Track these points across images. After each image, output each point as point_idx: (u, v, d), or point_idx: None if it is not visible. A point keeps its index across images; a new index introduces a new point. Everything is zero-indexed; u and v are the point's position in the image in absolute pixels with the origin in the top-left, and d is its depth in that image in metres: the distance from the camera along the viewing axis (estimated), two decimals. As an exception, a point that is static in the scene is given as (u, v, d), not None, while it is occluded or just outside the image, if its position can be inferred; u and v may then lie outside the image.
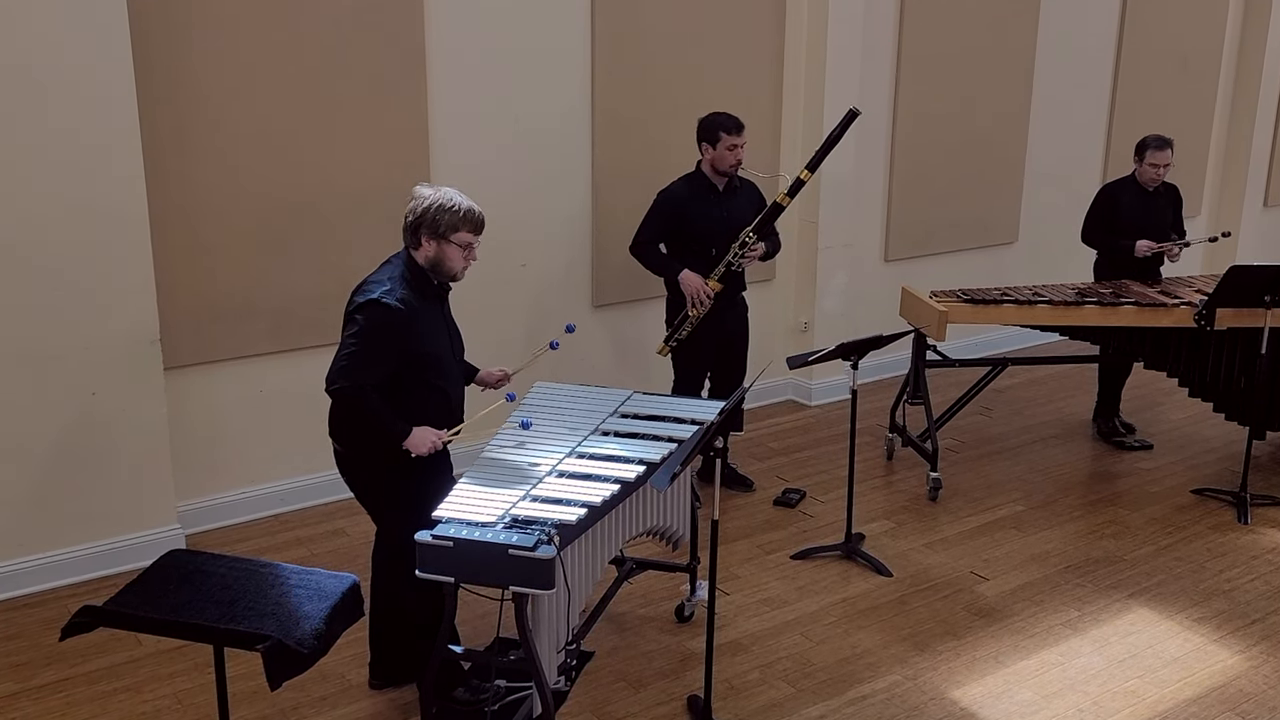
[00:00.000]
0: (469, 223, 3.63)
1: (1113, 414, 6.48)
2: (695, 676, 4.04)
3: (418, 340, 3.60)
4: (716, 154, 5.21)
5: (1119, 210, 6.13)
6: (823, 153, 5.30)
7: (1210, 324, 5.48)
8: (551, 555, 3.21)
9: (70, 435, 4.60)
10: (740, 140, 5.20)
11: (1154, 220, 6.14)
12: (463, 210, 3.62)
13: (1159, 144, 6.04)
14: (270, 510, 5.31)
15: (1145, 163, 6.06)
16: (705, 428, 3.59)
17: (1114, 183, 6.30)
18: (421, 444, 3.57)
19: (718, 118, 5.22)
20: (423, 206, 3.61)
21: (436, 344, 3.68)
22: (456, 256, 3.65)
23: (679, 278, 5.23)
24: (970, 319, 5.76)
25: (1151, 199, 6.15)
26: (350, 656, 4.10)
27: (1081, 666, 4.23)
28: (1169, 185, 6.22)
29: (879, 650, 4.32)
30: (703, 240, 5.27)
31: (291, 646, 3.05)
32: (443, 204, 3.60)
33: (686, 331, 5.31)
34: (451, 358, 3.78)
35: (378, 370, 3.54)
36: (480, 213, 3.68)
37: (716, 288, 5.24)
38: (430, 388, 3.67)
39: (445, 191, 3.65)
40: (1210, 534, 5.29)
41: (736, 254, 5.22)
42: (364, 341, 3.52)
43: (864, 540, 5.15)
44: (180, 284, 4.88)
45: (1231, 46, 8.59)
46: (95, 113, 4.38)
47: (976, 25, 7.14)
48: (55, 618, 4.33)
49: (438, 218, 3.59)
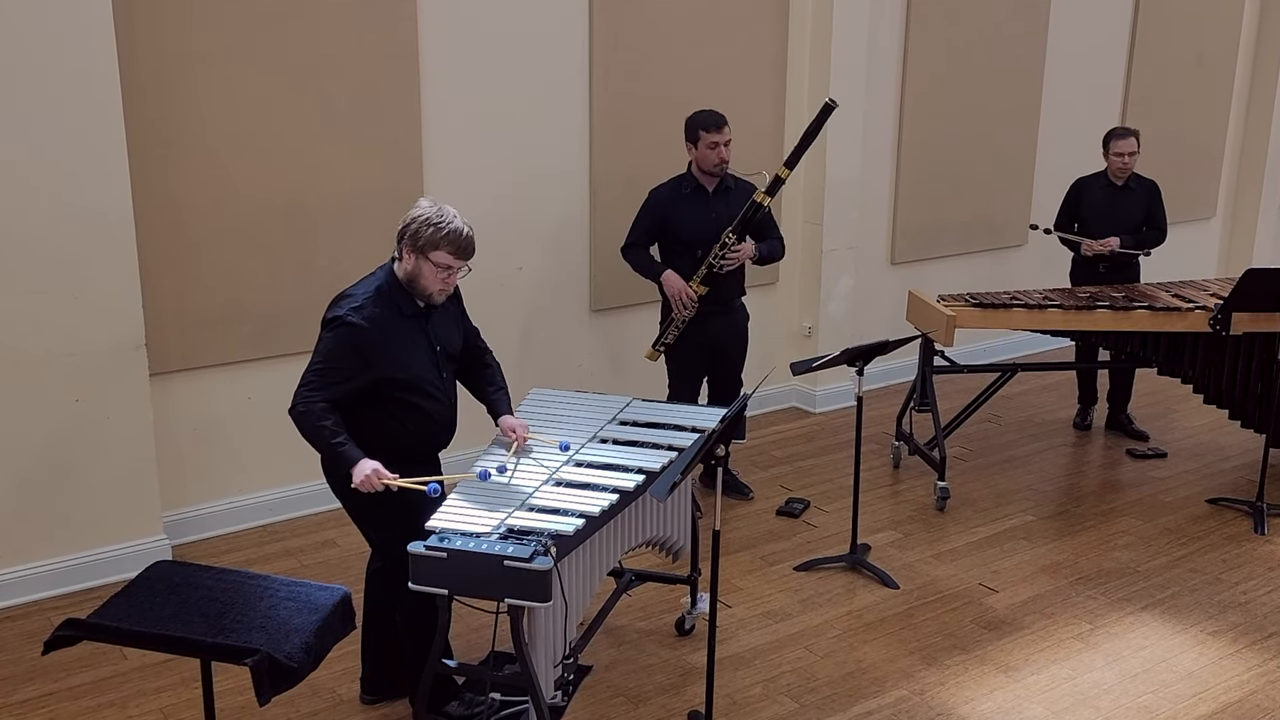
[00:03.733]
0: (451, 243, 3.55)
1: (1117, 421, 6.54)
2: (696, 691, 4.05)
3: (384, 359, 3.56)
4: (699, 153, 5.22)
5: (1082, 204, 6.25)
6: (800, 148, 5.28)
7: (1226, 329, 5.50)
8: (548, 567, 3.23)
9: (53, 443, 4.61)
10: (721, 138, 5.18)
11: (1118, 216, 6.20)
12: (447, 229, 3.54)
13: (1122, 133, 6.15)
14: (259, 520, 5.32)
15: (1110, 153, 6.16)
16: (706, 435, 3.60)
17: (1084, 177, 6.39)
18: (362, 478, 3.48)
19: (698, 116, 5.23)
20: (411, 216, 3.58)
21: (410, 363, 3.62)
22: (431, 276, 3.58)
23: (661, 279, 5.26)
24: (979, 323, 5.78)
25: (1120, 194, 6.21)
26: (341, 671, 4.11)
27: (1093, 681, 4.24)
28: (1145, 181, 6.26)
29: (885, 665, 4.33)
30: (687, 242, 5.28)
31: (281, 660, 3.06)
32: (429, 218, 3.55)
33: (673, 335, 5.34)
34: (436, 374, 3.71)
35: (340, 388, 3.53)
36: (468, 237, 3.58)
37: (700, 290, 5.24)
38: (403, 405, 3.64)
39: (442, 208, 3.59)
40: (1226, 545, 5.30)
41: (717, 255, 5.22)
42: (326, 360, 3.54)
43: (870, 551, 5.16)
44: (166, 288, 4.90)
45: (1248, 43, 8.60)
46: (79, 113, 4.39)
47: (985, 22, 7.15)
48: (38, 631, 4.34)
49: (420, 231, 3.54)
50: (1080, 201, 6.27)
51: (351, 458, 3.50)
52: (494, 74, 5.52)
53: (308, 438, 3.56)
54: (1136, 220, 6.24)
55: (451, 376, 3.85)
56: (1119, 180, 6.20)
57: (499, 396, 3.97)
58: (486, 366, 4.00)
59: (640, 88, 5.94)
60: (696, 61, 6.09)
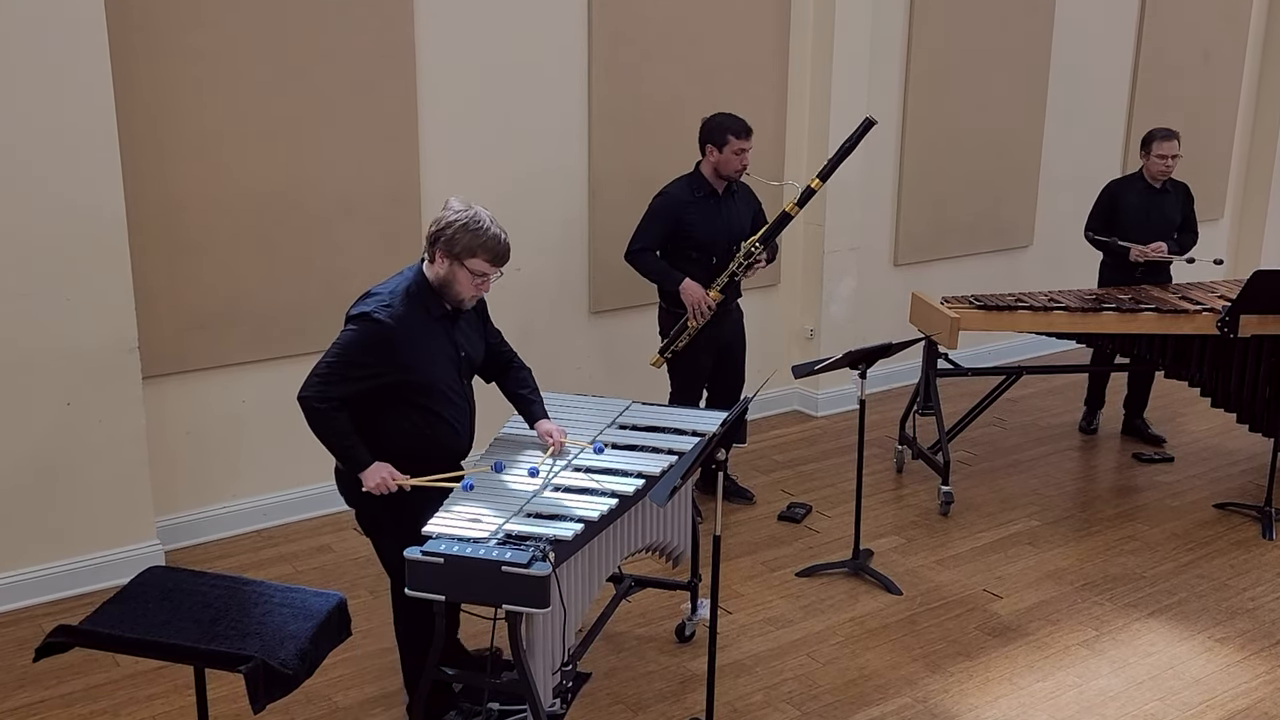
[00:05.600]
0: (489, 251, 3.52)
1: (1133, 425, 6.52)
2: (696, 699, 4.06)
3: (407, 361, 3.54)
4: (722, 158, 5.19)
5: (1119, 208, 6.18)
6: (836, 161, 5.27)
7: (1234, 331, 5.51)
8: (546, 572, 3.23)
9: (44, 448, 4.61)
10: (748, 145, 5.18)
11: (1158, 219, 6.16)
12: (486, 236, 3.50)
13: (1165, 135, 6.08)
14: (253, 525, 5.32)
15: (1152, 155, 6.09)
16: (707, 440, 3.61)
17: (1119, 179, 6.33)
18: (373, 481, 3.49)
19: (726, 120, 5.18)
20: (446, 220, 3.52)
21: (431, 367, 3.60)
22: (466, 283, 3.56)
23: (680, 287, 5.22)
24: (983, 326, 5.79)
25: (1158, 197, 6.17)
26: (337, 678, 4.12)
27: (1099, 689, 4.24)
28: (1178, 183, 6.23)
29: (888, 672, 4.33)
30: (702, 246, 5.26)
31: (275, 667, 3.06)
32: (466, 223, 3.50)
33: (684, 342, 5.32)
34: (457, 380, 3.69)
35: (352, 385, 3.50)
36: (505, 244, 3.55)
37: (718, 298, 5.24)
38: (422, 410, 3.61)
39: (477, 211, 3.55)
40: (1234, 550, 5.31)
41: (741, 264, 5.22)
42: (344, 354, 3.50)
43: (872, 557, 5.17)
44: (159, 289, 4.90)
45: (1256, 40, 8.60)
46: (70, 109, 4.40)
47: (990, 19, 7.16)
48: (29, 637, 4.35)
49: (457, 236, 3.50)
50: (1117, 205, 6.18)
51: (362, 460, 3.50)
52: (492, 73, 5.52)
53: (317, 432, 3.53)
54: (1175, 223, 6.21)
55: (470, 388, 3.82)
56: (1157, 183, 6.15)
57: (534, 400, 3.97)
58: (518, 369, 3.99)
59: (641, 86, 5.94)
60: (697, 60, 6.10)
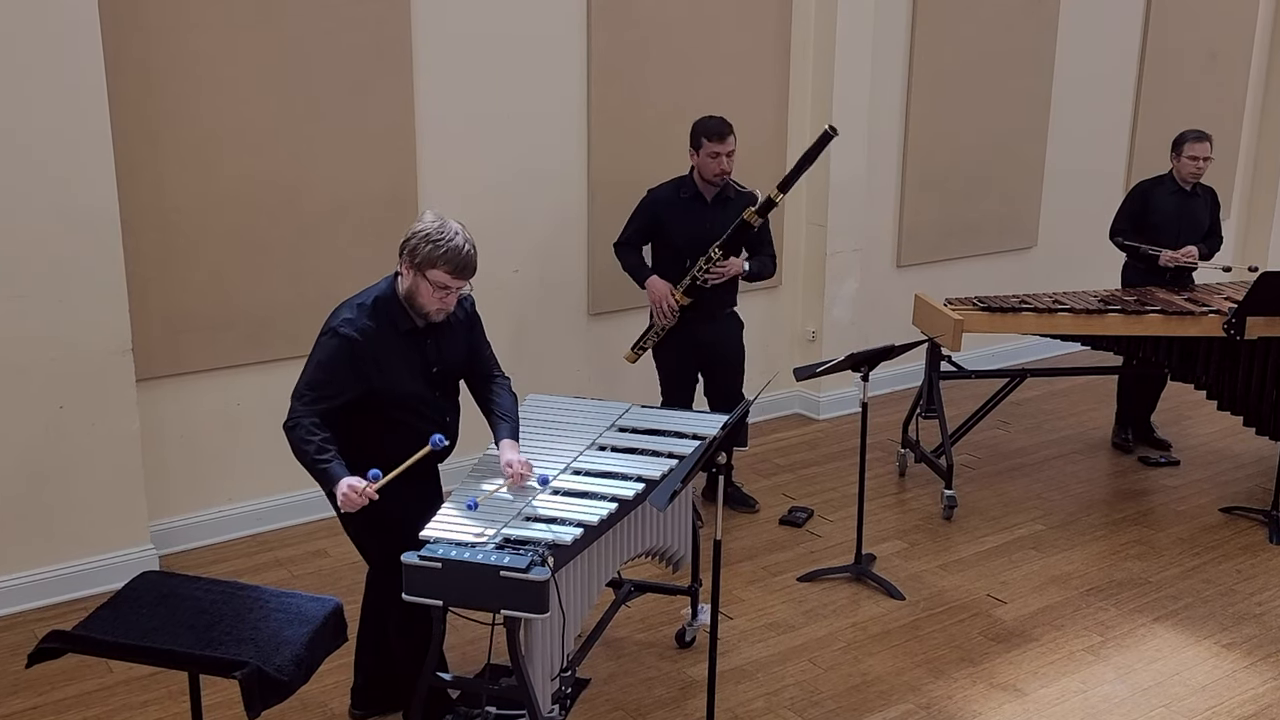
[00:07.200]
0: (449, 262, 3.49)
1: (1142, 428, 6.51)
2: (697, 705, 4.06)
3: (376, 374, 3.56)
4: (699, 160, 5.22)
5: (1149, 210, 6.13)
6: (796, 172, 5.24)
7: (1240, 333, 5.50)
8: (545, 577, 3.23)
9: (37, 451, 4.61)
10: (723, 148, 5.15)
11: (1189, 223, 6.13)
12: (446, 247, 3.48)
13: (1198, 136, 6.04)
14: (248, 530, 5.33)
15: (1184, 156, 6.06)
16: (707, 443, 3.61)
17: (1148, 180, 6.27)
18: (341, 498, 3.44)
19: (703, 122, 5.21)
20: (413, 230, 3.55)
21: (399, 380, 3.61)
22: (428, 294, 3.55)
23: (645, 282, 5.29)
24: (987, 328, 5.79)
25: (1188, 199, 6.14)
26: (333, 684, 4.12)
27: (1104, 695, 4.25)
28: (1206, 187, 6.21)
29: (891, 678, 4.34)
30: (678, 248, 5.27)
31: (271, 673, 3.07)
32: (430, 234, 3.50)
33: (651, 342, 5.36)
34: (429, 393, 3.69)
35: (332, 402, 3.54)
36: (468, 255, 3.51)
37: (684, 300, 5.24)
38: (398, 422, 3.63)
39: (446, 223, 3.54)
40: (1240, 555, 5.31)
41: (702, 269, 5.21)
42: (317, 372, 3.55)
43: (875, 561, 5.17)
44: (153, 291, 4.91)
45: (1262, 39, 8.61)
46: (63, 110, 4.40)
47: (994, 19, 7.17)
48: (22, 643, 4.34)
49: (419, 247, 3.50)
50: (1147, 208, 6.14)
51: (333, 476, 3.47)
52: (490, 74, 5.53)
53: (296, 455, 3.55)
54: (1205, 227, 6.18)
55: (452, 396, 3.81)
56: (1188, 185, 6.13)
57: (504, 421, 3.84)
58: (497, 384, 3.91)
59: (640, 87, 5.95)
60: (698, 62, 6.10)
